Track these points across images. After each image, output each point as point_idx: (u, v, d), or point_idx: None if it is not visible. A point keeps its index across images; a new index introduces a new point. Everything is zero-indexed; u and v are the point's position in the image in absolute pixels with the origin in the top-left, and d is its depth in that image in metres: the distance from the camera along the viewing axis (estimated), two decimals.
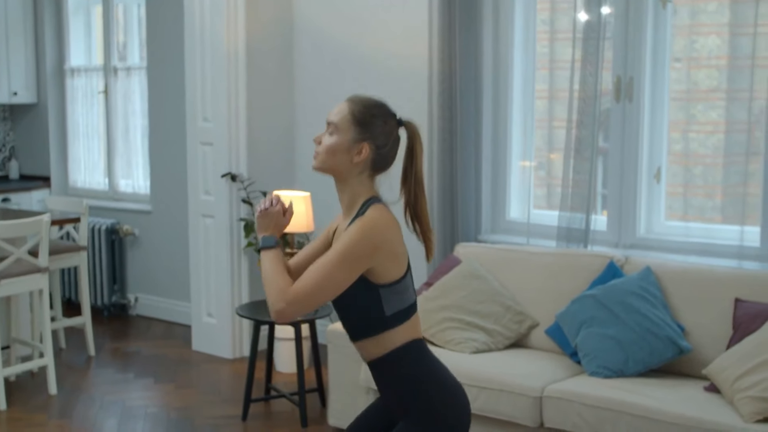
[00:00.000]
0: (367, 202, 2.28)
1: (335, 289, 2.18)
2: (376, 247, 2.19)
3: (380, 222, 2.20)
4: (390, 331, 2.26)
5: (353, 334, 2.35)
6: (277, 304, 2.15)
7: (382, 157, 2.29)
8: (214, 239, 5.42)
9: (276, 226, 2.32)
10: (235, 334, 5.45)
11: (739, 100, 4.39)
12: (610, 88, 4.48)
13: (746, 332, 3.56)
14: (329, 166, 2.31)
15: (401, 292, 2.26)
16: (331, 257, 2.17)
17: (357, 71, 5.35)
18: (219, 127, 5.32)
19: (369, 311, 2.24)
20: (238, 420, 4.42)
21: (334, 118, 2.31)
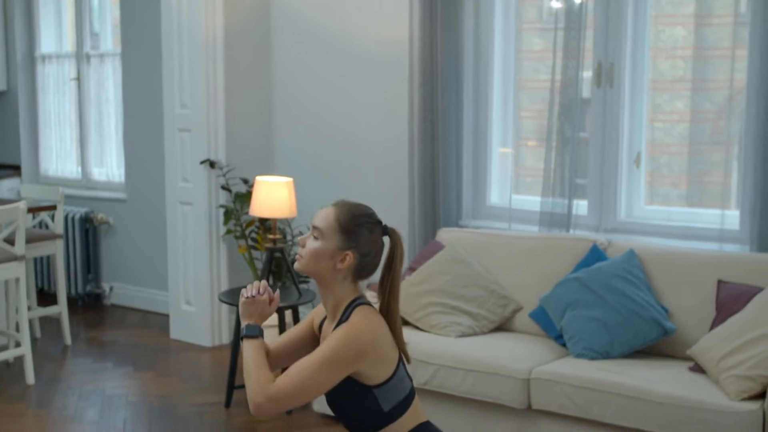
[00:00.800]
0: (351, 304, 2.27)
1: (316, 391, 2.18)
2: (362, 352, 2.18)
3: (365, 327, 2.19)
4: (392, 425, 2.26)
5: (353, 430, 2.34)
6: (257, 398, 2.15)
7: (366, 265, 2.29)
8: (193, 226, 5.37)
9: (260, 315, 2.30)
10: (214, 322, 5.41)
11: (704, 90, 4.46)
12: (591, 75, 4.51)
13: (729, 313, 3.61)
14: (312, 270, 2.29)
15: (396, 386, 2.25)
16: (314, 360, 2.16)
17: (336, 57, 5.33)
18: (197, 114, 5.27)
19: (367, 411, 2.24)
20: (221, 407, 4.39)
21: (320, 224, 2.28)
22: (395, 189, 5.11)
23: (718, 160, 4.38)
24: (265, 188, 4.38)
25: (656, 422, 3.30)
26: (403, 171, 5.05)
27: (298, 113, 5.53)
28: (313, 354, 2.17)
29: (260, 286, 2.32)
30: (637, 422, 3.34)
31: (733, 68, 4.12)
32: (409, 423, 2.28)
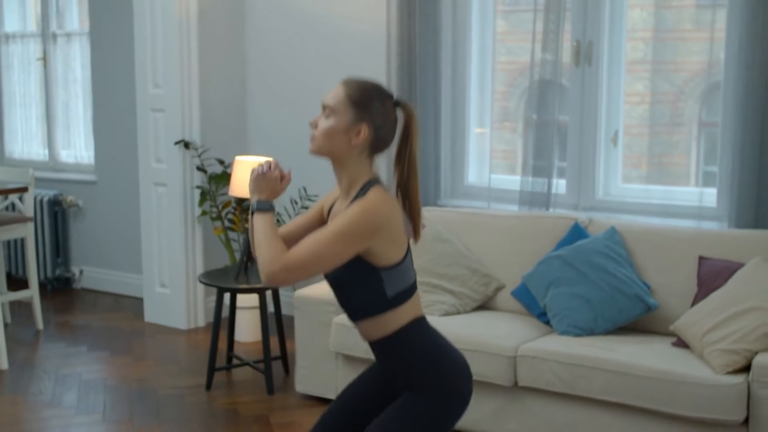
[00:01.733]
0: (368, 183, 2.25)
1: (330, 262, 2.15)
2: (377, 227, 2.15)
3: (382, 203, 2.17)
4: (392, 312, 2.25)
5: (354, 315, 2.32)
6: (271, 267, 2.11)
7: (381, 138, 2.26)
8: (167, 208, 5.30)
9: (272, 192, 2.27)
10: (189, 305, 5.36)
11: (663, 72, 4.52)
12: (570, 54, 4.52)
13: (710, 289, 3.65)
14: (327, 149, 2.26)
15: (402, 273, 2.24)
16: (330, 230, 2.14)
17: (312, 36, 5.29)
18: (171, 94, 5.19)
19: (370, 293, 2.22)
20: (202, 389, 4.35)
21: (330, 102, 2.25)
22: None
23: (678, 141, 4.47)
24: (245, 168, 4.33)
25: (643, 397, 3.33)
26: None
27: (273, 92, 5.48)
28: (328, 226, 2.15)
29: (272, 163, 2.29)
30: (623, 397, 3.37)
31: (693, 51, 4.18)
32: (409, 313, 2.27)
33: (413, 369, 2.27)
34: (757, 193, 4.00)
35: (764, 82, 3.93)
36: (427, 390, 2.26)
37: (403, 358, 2.28)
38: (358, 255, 2.18)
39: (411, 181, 2.25)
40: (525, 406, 3.62)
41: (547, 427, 3.57)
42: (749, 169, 3.99)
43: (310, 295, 4.14)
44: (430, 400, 2.25)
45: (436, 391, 2.26)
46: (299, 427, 3.91)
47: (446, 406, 2.26)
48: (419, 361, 2.28)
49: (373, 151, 2.28)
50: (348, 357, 4.03)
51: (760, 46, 3.91)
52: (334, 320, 4.02)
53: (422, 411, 2.24)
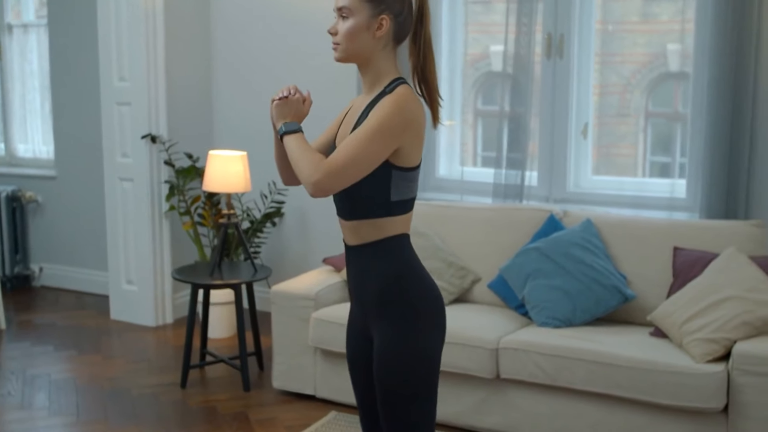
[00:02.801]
0: (395, 81, 2.22)
1: (369, 162, 2.11)
2: (409, 123, 2.13)
3: (412, 99, 2.16)
4: (388, 218, 2.21)
5: (350, 213, 2.25)
6: (314, 175, 2.07)
7: (401, 25, 2.23)
8: (134, 203, 5.21)
9: (296, 114, 2.25)
10: (157, 301, 5.28)
11: (610, 64, 4.59)
12: (542, 47, 4.55)
13: (686, 279, 3.72)
14: (353, 51, 2.22)
15: (410, 181, 2.21)
16: (365, 130, 2.10)
17: (280, 28, 5.24)
18: (137, 87, 5.09)
19: (376, 192, 2.18)
20: (177, 387, 4.30)
21: (344, 2, 2.22)
22: None
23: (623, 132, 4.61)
24: (220, 162, 4.27)
25: (625, 386, 3.38)
26: None
27: (241, 85, 5.42)
28: (363, 127, 2.11)
29: (290, 88, 2.25)
30: (606, 387, 3.42)
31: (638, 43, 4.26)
32: (401, 227, 2.24)
33: (384, 281, 2.21)
34: (727, 184, 4.08)
35: (733, 73, 4.00)
36: (394, 311, 2.20)
37: (379, 265, 2.22)
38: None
39: (428, 64, 2.23)
40: (507, 399, 3.65)
41: (530, 419, 3.60)
42: (719, 160, 4.07)
43: (287, 290, 4.10)
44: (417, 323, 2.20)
45: (420, 310, 2.21)
46: (279, 423, 3.88)
47: (432, 327, 2.22)
48: (392, 274, 2.22)
49: (396, 41, 2.24)
50: (326, 352, 4.01)
51: (729, 37, 3.98)
52: (313, 315, 4.00)
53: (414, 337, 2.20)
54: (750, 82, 4.00)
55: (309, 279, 4.22)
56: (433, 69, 2.24)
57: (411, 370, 2.22)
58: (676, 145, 4.65)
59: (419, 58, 2.23)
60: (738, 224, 3.86)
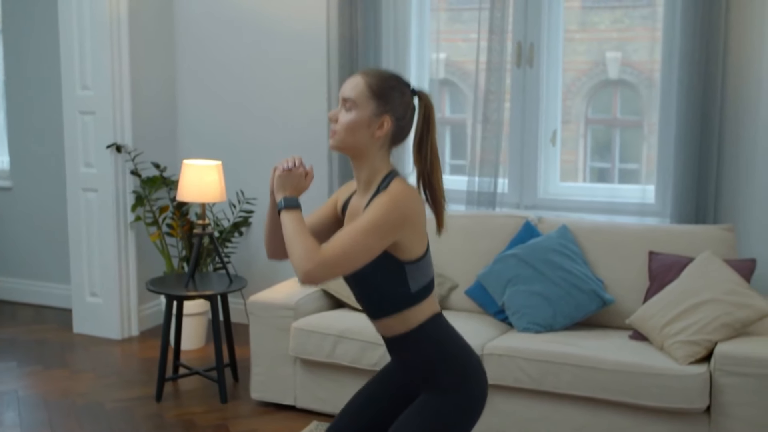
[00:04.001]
0: (388, 176, 2.23)
1: (363, 257, 2.11)
2: (406, 218, 2.15)
3: (408, 194, 2.17)
4: (414, 308, 2.24)
5: (375, 313, 2.30)
6: (306, 265, 2.07)
7: (401, 129, 2.24)
8: (98, 214, 5.11)
9: (297, 188, 2.23)
10: (123, 314, 5.18)
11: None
12: (512, 55, 4.60)
13: (663, 283, 3.80)
14: (350, 143, 2.22)
15: (425, 267, 2.24)
16: (361, 225, 2.10)
17: (246, 35, 5.20)
18: (101, 95, 5.00)
19: (395, 289, 2.21)
20: (152, 401, 4.22)
21: (351, 94, 2.20)
22: (313, 168, 5.06)
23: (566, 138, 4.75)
24: (195, 172, 4.22)
25: (610, 389, 3.43)
26: (321, 150, 5.00)
27: (207, 93, 5.36)
28: (359, 221, 2.11)
29: (296, 159, 2.24)
30: (591, 391, 3.47)
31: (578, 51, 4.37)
32: (429, 309, 2.27)
33: (436, 364, 2.26)
34: (697, 190, 4.18)
35: (702, 80, 4.11)
36: (451, 387, 2.25)
37: (426, 353, 2.27)
38: (384, 250, 2.16)
39: (435, 172, 2.24)
40: (492, 405, 3.66)
41: (515, 424, 3.63)
42: (689, 166, 4.17)
43: (265, 300, 4.07)
44: (455, 398, 2.24)
45: (460, 388, 2.25)
46: None
47: (470, 403, 2.26)
48: (442, 357, 2.26)
49: (393, 143, 2.25)
50: (306, 362, 3.98)
51: (698, 45, 4.08)
52: (293, 325, 3.97)
53: (447, 410, 2.23)
54: (718, 90, 4.10)
55: (286, 288, 4.19)
56: (439, 176, 2.25)
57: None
58: (615, 151, 4.79)
59: (426, 165, 2.24)
60: (710, 228, 3.96)
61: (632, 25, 4.62)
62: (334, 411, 3.96)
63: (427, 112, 2.23)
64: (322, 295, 4.20)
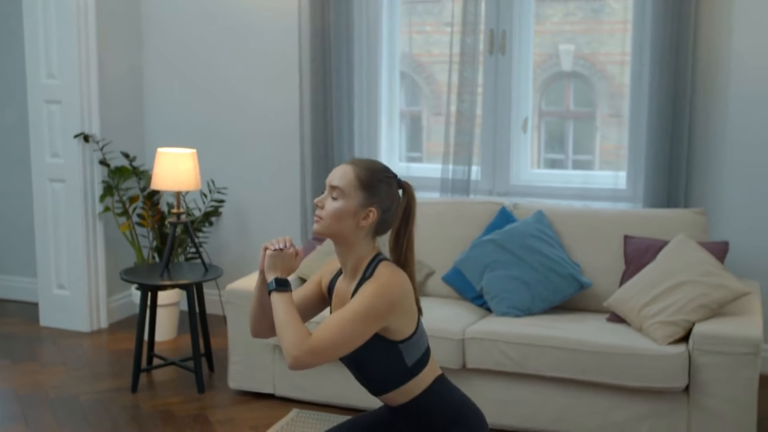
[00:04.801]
0: (373, 260, 2.25)
1: (353, 343, 2.14)
2: (393, 305, 2.16)
3: (395, 280, 2.19)
4: (414, 379, 2.27)
5: (376, 390, 2.32)
6: (295, 351, 2.08)
7: (386, 220, 2.25)
8: (65, 205, 5.02)
9: (286, 269, 2.23)
10: (92, 305, 5.10)
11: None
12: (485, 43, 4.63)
13: (639, 266, 3.86)
14: (334, 231, 2.23)
15: (418, 340, 2.26)
16: (350, 313, 2.12)
17: (215, 24, 5.14)
18: (68, 84, 4.91)
19: (391, 367, 2.24)
20: (127, 392, 4.17)
21: (339, 183, 2.22)
22: (285, 158, 5.05)
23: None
24: (169, 160, 4.17)
25: (591, 371, 3.48)
26: (292, 138, 4.98)
27: (174, 82, 5.29)
28: (347, 308, 2.14)
29: (286, 240, 2.24)
30: (573, 373, 3.51)
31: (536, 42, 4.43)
32: (429, 377, 2.30)
33: (443, 425, 2.29)
34: (669, 175, 4.25)
35: (672, 69, 4.18)
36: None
37: (431, 418, 2.29)
38: (376, 333, 2.18)
39: (409, 262, 2.27)
40: (473, 388, 3.67)
41: (496, 407, 3.66)
42: (661, 153, 4.24)
43: (243, 288, 4.04)
44: None
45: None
46: (242, 423, 3.82)
47: None
48: (448, 419, 2.29)
49: (377, 233, 2.27)
50: None
51: (669, 35, 4.16)
52: None
53: None
54: (688, 78, 4.18)
55: None
56: (413, 267, 2.28)
57: None
58: (568, 142, 4.87)
59: (400, 257, 2.27)
60: (682, 212, 4.04)
61: (585, 17, 4.69)
62: (314, 399, 3.96)
63: (408, 204, 2.27)
64: (300, 282, 4.18)
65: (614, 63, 4.64)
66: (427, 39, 5.00)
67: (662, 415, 3.45)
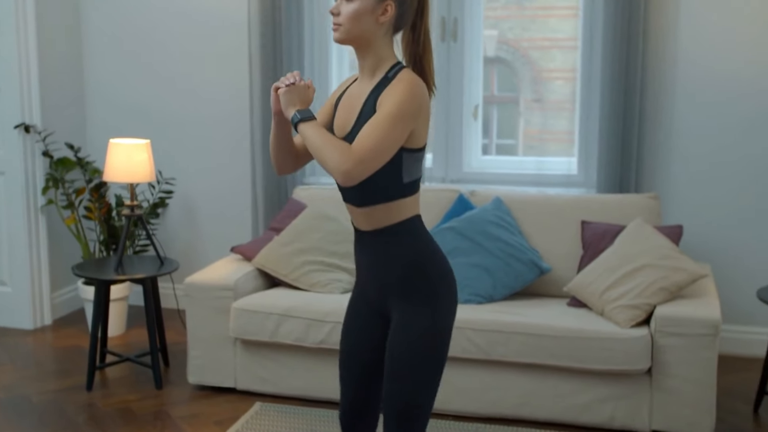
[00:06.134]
0: (396, 65, 2.24)
1: (392, 148, 2.12)
2: (421, 106, 2.16)
3: (419, 82, 2.18)
4: (402, 200, 2.24)
5: (364, 199, 2.26)
6: (344, 165, 2.06)
7: (404, 12, 2.24)
8: (5, 198, 4.84)
9: (303, 101, 2.21)
10: (35, 302, 4.94)
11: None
12: (437, 30, 4.63)
13: (597, 250, 3.93)
14: (356, 33, 2.20)
15: (418, 161, 2.25)
16: (385, 117, 2.10)
17: (159, 11, 5.01)
18: (7, 73, 4.72)
19: (388, 175, 2.20)
20: (82, 390, 4.05)
21: None
22: (234, 144, 4.98)
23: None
24: (123, 151, 4.06)
25: (557, 355, 3.53)
26: (243, 124, 4.91)
27: (119, 70, 5.15)
28: (380, 114, 2.12)
29: (295, 75, 2.23)
30: (539, 357, 3.56)
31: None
32: (414, 207, 2.28)
33: (417, 257, 2.24)
34: (621, 161, 4.34)
35: (624, 57, 4.26)
36: (432, 291, 2.23)
37: (409, 250, 2.25)
38: None
39: (426, 54, 2.26)
40: None
41: (462, 394, 3.69)
42: (613, 139, 4.32)
43: (203, 281, 3.96)
44: (438, 304, 2.23)
45: (439, 291, 2.24)
46: (206, 418, 3.75)
47: (450, 305, 2.26)
48: (424, 255, 2.25)
49: (396, 28, 2.25)
50: (248, 342, 3.92)
51: (620, 22, 4.23)
52: (233, 305, 3.89)
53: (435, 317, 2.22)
54: (638, 65, 4.26)
55: (222, 269, 4.10)
56: (431, 60, 2.27)
57: (429, 351, 2.24)
58: (493, 127, 4.94)
59: (419, 47, 2.25)
60: (637, 197, 4.12)
61: (508, 3, 4.73)
62: (277, 391, 3.92)
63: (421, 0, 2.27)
64: (258, 274, 4.13)
65: (540, 49, 4.72)
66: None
67: (625, 396, 3.53)
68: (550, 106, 4.77)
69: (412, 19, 2.25)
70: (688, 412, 3.46)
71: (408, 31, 2.26)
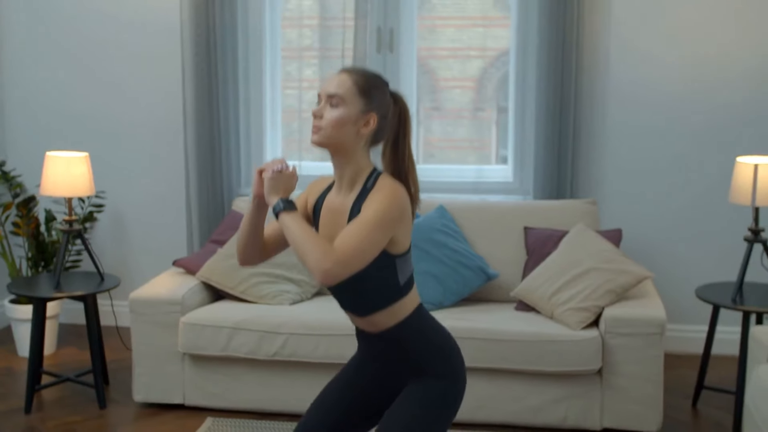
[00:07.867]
0: (373, 173, 2.24)
1: (373, 252, 2.12)
2: (403, 213, 2.17)
3: (401, 190, 2.19)
4: (401, 300, 2.27)
5: (366, 309, 2.29)
6: (324, 264, 2.03)
7: (383, 127, 2.25)
8: None
9: (286, 190, 2.17)
10: None
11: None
12: (374, 41, 4.66)
13: (541, 255, 4.03)
14: (336, 139, 2.20)
15: (408, 259, 2.28)
16: (366, 222, 2.10)
17: (84, 23, 4.87)
18: None
19: (386, 282, 2.23)
20: (20, 413, 3.88)
21: (338, 90, 2.19)
22: (166, 152, 4.88)
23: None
24: (61, 165, 3.92)
25: (513, 359, 3.60)
26: (175, 130, 4.82)
27: (39, 77, 4.96)
28: (363, 217, 2.12)
29: (281, 162, 2.19)
30: (494, 362, 3.62)
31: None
32: (414, 300, 2.31)
33: (426, 352, 2.29)
34: (558, 168, 4.46)
35: (555, 66, 4.39)
36: (441, 373, 2.29)
37: (416, 343, 2.30)
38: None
39: (411, 171, 2.28)
40: None
41: None
42: (548, 146, 4.45)
43: (148, 296, 3.87)
44: (446, 383, 2.29)
45: (448, 374, 2.30)
46: None
47: (457, 388, 2.32)
48: (431, 345, 2.30)
49: (374, 142, 2.26)
50: (196, 357, 3.85)
51: (555, 29, 4.37)
52: (181, 320, 3.81)
53: (442, 393, 2.27)
54: (572, 74, 4.40)
55: (166, 283, 4.01)
56: (415, 175, 2.29)
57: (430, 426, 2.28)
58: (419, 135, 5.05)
59: (404, 165, 2.27)
60: (576, 203, 4.25)
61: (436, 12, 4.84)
62: (228, 406, 3.86)
63: (403, 114, 2.28)
64: (202, 287, 4.06)
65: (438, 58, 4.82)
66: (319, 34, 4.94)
67: (577, 396, 3.63)
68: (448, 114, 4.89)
69: (394, 136, 2.26)
70: (637, 408, 3.59)
71: (390, 148, 2.27)
